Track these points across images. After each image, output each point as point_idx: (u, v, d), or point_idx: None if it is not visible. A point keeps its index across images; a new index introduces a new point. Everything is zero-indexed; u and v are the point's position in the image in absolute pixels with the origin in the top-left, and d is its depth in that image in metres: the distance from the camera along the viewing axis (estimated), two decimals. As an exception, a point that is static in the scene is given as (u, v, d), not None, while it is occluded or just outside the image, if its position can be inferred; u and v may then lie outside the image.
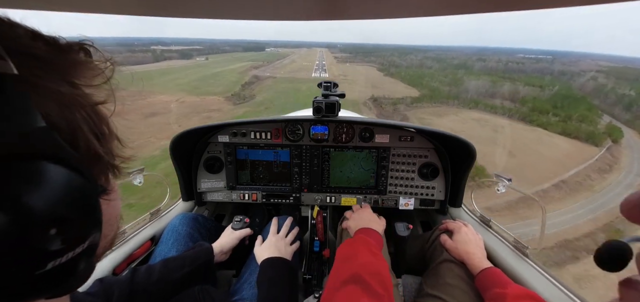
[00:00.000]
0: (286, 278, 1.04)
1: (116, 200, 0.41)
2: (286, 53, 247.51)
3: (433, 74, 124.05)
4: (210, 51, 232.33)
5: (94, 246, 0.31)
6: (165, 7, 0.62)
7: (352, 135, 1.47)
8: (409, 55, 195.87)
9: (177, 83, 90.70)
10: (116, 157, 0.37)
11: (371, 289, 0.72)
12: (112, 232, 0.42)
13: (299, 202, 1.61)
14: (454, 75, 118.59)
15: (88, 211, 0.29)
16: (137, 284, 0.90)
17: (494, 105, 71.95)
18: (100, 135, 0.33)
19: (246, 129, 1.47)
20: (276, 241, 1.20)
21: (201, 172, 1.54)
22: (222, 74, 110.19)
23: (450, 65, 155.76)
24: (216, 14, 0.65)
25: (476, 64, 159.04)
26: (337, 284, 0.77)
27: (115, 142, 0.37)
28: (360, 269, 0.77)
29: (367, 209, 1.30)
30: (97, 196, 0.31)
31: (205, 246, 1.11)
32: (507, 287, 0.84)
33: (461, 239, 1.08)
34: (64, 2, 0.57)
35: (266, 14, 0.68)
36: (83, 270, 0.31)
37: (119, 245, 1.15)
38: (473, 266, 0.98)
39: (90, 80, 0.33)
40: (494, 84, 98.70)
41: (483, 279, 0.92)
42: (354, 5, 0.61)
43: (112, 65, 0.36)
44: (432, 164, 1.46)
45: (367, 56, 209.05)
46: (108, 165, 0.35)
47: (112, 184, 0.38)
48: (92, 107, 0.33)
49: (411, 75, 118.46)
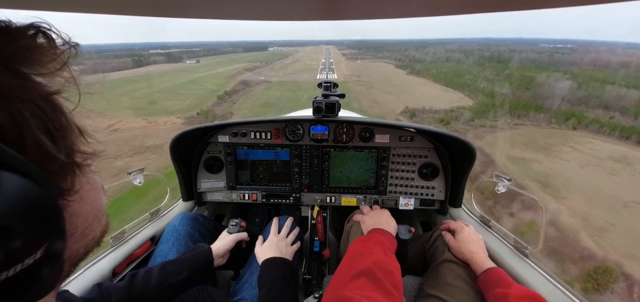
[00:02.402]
0: (287, 278, 1.04)
1: (92, 196, 0.38)
2: (289, 52, 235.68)
3: (470, 70, 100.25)
4: (207, 53, 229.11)
5: (57, 252, 0.29)
6: (166, 8, 0.62)
7: (352, 135, 1.47)
8: (426, 49, 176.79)
9: (132, 96, 72.78)
10: (78, 153, 0.33)
11: (383, 285, 0.72)
12: (94, 229, 0.39)
13: (299, 202, 1.61)
14: (518, 73, 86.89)
15: (40, 218, 0.26)
16: (135, 290, 0.89)
17: (598, 120, 43.59)
18: (56, 130, 0.30)
19: (246, 129, 1.47)
20: (277, 241, 1.20)
21: (201, 172, 1.54)
22: (201, 81, 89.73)
23: (482, 58, 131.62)
24: (216, 14, 0.65)
25: (513, 55, 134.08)
26: (349, 276, 0.76)
27: (77, 136, 0.33)
28: (373, 266, 0.76)
29: (386, 211, 1.29)
30: (53, 199, 0.28)
31: (203, 247, 1.11)
32: (510, 287, 0.84)
33: (464, 238, 1.08)
34: (64, 2, 0.56)
35: (266, 14, 0.68)
36: (47, 277, 0.28)
37: (119, 245, 1.15)
38: (476, 265, 0.98)
39: (43, 67, 0.30)
40: (579, 86, 67.08)
41: (486, 279, 0.92)
42: (354, 5, 0.61)
43: (73, 48, 0.33)
44: (432, 164, 1.46)
45: (379, 51, 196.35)
46: (67, 163, 0.31)
47: (79, 182, 0.34)
48: (44, 98, 0.29)
49: (445, 73, 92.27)
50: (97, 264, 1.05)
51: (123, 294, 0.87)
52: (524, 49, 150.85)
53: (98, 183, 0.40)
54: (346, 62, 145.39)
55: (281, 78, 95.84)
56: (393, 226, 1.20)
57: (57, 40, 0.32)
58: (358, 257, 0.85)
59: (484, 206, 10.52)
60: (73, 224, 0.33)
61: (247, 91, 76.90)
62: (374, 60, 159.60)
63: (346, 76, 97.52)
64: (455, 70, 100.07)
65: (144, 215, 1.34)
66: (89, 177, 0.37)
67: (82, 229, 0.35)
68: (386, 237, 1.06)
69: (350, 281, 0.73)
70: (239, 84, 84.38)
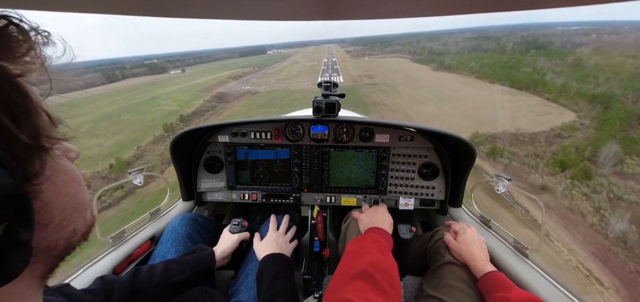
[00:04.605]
0: (287, 273, 1.05)
1: (70, 187, 0.37)
2: (289, 54, 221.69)
3: (519, 61, 69.89)
4: (200, 61, 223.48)
5: (22, 236, 0.28)
6: (165, 8, 0.62)
7: (352, 135, 1.47)
8: (441, 39, 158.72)
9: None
10: (45, 137, 0.32)
11: (380, 286, 0.72)
12: (75, 222, 0.38)
13: (299, 202, 1.61)
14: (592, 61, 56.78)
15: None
16: (138, 284, 0.90)
17: None
18: (20, 112, 0.29)
19: (246, 129, 1.47)
20: (276, 237, 1.20)
21: (201, 172, 1.54)
22: (164, 98, 65.60)
23: (516, 44, 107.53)
24: (216, 14, 0.65)
25: (552, 40, 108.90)
26: (346, 278, 0.76)
27: (44, 120, 0.32)
28: (369, 266, 0.77)
29: (381, 208, 1.29)
30: (14, 180, 0.27)
31: (207, 250, 1.11)
32: (511, 291, 0.84)
33: (466, 240, 1.07)
34: (64, 2, 0.56)
35: (266, 14, 0.68)
36: (11, 262, 0.27)
37: (119, 244, 1.16)
38: (476, 268, 0.97)
39: (10, 52, 0.30)
40: None
41: (487, 282, 0.91)
42: (355, 5, 0.61)
43: (39, 34, 0.33)
44: (432, 164, 1.45)
45: (387, 46, 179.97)
46: (32, 146, 0.30)
47: (49, 168, 0.33)
48: (7, 81, 0.29)
49: (489, 66, 64.15)
50: (97, 263, 1.06)
51: (126, 287, 0.87)
52: (565, 32, 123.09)
53: (78, 175, 0.39)
54: (352, 61, 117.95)
55: (272, 86, 71.42)
56: (389, 222, 1.20)
57: (31, 33, 0.32)
58: (355, 258, 0.85)
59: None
60: (49, 213, 0.33)
61: (219, 110, 56.14)
62: (383, 56, 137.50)
63: (355, 78, 69.68)
64: (500, 62, 71.27)
65: (143, 215, 1.34)
66: (66, 167, 0.37)
67: (60, 220, 0.34)
68: (382, 235, 1.06)
69: (348, 283, 0.74)
70: (212, 98, 61.51)
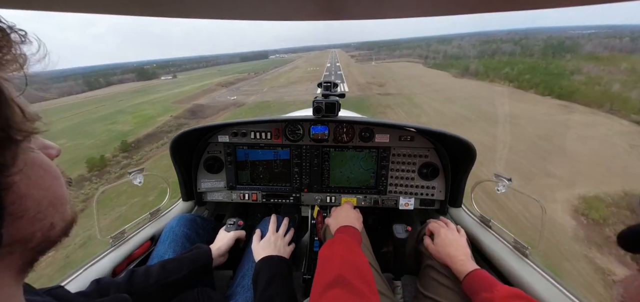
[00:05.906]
0: (285, 275, 1.04)
1: (46, 181, 0.37)
2: (290, 58, 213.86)
3: (561, 67, 61.78)
4: (197, 66, 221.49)
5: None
6: (166, 8, 0.62)
7: (352, 135, 1.47)
8: (453, 43, 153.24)
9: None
10: (17, 130, 0.32)
11: (355, 290, 0.71)
12: (51, 216, 0.37)
13: (299, 202, 1.61)
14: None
15: None
16: (134, 286, 0.89)
17: None
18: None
19: (246, 129, 1.47)
20: (275, 239, 1.20)
21: (201, 172, 1.54)
22: (127, 112, 52.96)
23: (542, 49, 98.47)
24: (216, 14, 0.65)
25: (581, 42, 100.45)
26: (320, 288, 0.75)
27: (15, 113, 0.32)
28: (340, 270, 0.76)
29: (345, 207, 1.31)
30: None
31: (203, 248, 1.11)
32: (494, 290, 0.82)
33: (441, 242, 1.05)
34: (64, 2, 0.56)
35: (266, 14, 0.68)
36: None
37: (119, 244, 1.16)
38: (457, 270, 0.95)
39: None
40: None
41: (469, 283, 0.90)
42: (355, 5, 0.61)
43: (15, 32, 0.33)
44: (432, 163, 1.46)
45: (394, 50, 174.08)
46: (3, 138, 0.31)
47: (22, 160, 0.33)
48: None
49: (529, 73, 54.61)
50: (97, 263, 1.06)
51: (122, 289, 0.86)
52: (597, 35, 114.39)
53: (56, 171, 0.39)
54: (358, 66, 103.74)
55: (264, 96, 56.34)
56: (354, 216, 1.22)
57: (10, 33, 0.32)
58: (326, 265, 0.85)
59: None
60: (22, 205, 0.33)
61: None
62: (392, 61, 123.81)
63: (363, 86, 56.16)
64: (539, 68, 61.31)
65: (143, 215, 1.34)
66: (42, 161, 0.37)
67: (35, 213, 0.35)
68: (348, 232, 1.08)
69: (323, 293, 0.73)
70: (184, 113, 47.47)
